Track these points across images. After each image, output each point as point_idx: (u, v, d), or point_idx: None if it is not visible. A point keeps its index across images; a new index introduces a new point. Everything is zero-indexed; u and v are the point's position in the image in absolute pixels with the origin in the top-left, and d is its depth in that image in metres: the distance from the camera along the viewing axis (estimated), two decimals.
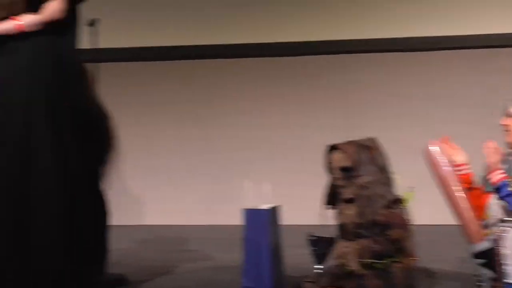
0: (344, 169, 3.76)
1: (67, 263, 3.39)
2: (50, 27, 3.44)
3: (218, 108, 6.50)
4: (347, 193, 3.73)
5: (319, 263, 3.73)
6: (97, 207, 3.60)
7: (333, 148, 3.82)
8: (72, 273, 3.41)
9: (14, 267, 3.35)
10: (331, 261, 3.75)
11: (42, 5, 3.42)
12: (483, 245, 3.28)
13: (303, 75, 6.45)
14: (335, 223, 3.78)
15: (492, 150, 3.30)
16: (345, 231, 3.72)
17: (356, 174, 3.73)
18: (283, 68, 6.48)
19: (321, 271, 3.71)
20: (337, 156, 3.78)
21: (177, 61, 6.54)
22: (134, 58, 6.53)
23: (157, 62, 6.56)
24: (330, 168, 3.82)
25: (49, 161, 3.38)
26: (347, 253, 3.66)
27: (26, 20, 3.41)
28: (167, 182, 6.51)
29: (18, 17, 3.40)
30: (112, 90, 5.81)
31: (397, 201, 3.74)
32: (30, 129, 3.38)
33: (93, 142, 3.56)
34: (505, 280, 3.19)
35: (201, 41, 6.43)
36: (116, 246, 3.97)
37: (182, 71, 6.55)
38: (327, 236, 3.74)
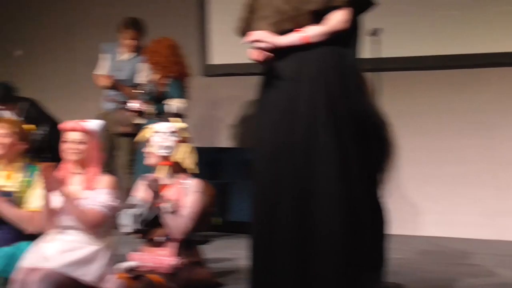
0: None
1: (348, 268, 3.44)
2: (333, 38, 3.52)
3: (505, 117, 6.22)
4: None
5: None
6: (376, 214, 3.61)
7: None
8: (352, 278, 3.45)
9: (296, 271, 3.47)
10: None
11: (326, 16, 3.51)
12: None
13: None
14: None
15: None
16: None
17: None
18: None
19: None
20: None
21: (459, 69, 6.36)
22: (416, 67, 6.46)
23: (439, 71, 6.43)
24: None
25: (331, 167, 3.45)
26: None
27: (311, 32, 3.51)
28: (446, 193, 6.35)
29: (303, 29, 3.52)
30: (393, 99, 5.82)
31: None
32: (312, 136, 3.49)
33: (373, 150, 3.58)
34: None
35: (481, 49, 6.20)
36: (394, 255, 3.95)
37: (464, 80, 6.35)
38: None
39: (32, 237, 3.90)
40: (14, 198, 3.94)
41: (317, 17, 3.49)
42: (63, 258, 3.66)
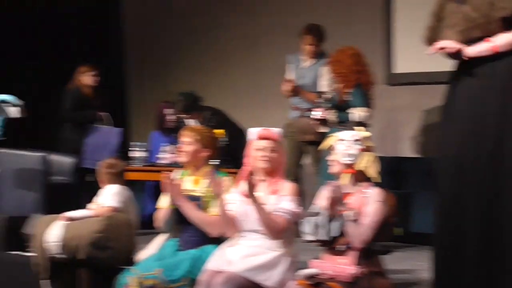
0: None
1: None
2: None
3: None
4: None
5: None
6: None
7: None
8: None
9: (485, 284, 3.40)
10: None
11: None
12: None
13: None
14: None
15: None
16: None
17: None
18: None
19: None
20: None
21: None
22: None
23: None
24: None
25: None
26: None
27: (500, 41, 3.41)
28: None
29: (492, 38, 3.41)
30: None
31: None
32: (501, 146, 3.40)
33: None
34: None
35: None
36: None
37: None
38: None
39: (217, 240, 4.04)
40: (201, 203, 4.10)
41: (508, 23, 3.38)
42: (246, 262, 3.76)
